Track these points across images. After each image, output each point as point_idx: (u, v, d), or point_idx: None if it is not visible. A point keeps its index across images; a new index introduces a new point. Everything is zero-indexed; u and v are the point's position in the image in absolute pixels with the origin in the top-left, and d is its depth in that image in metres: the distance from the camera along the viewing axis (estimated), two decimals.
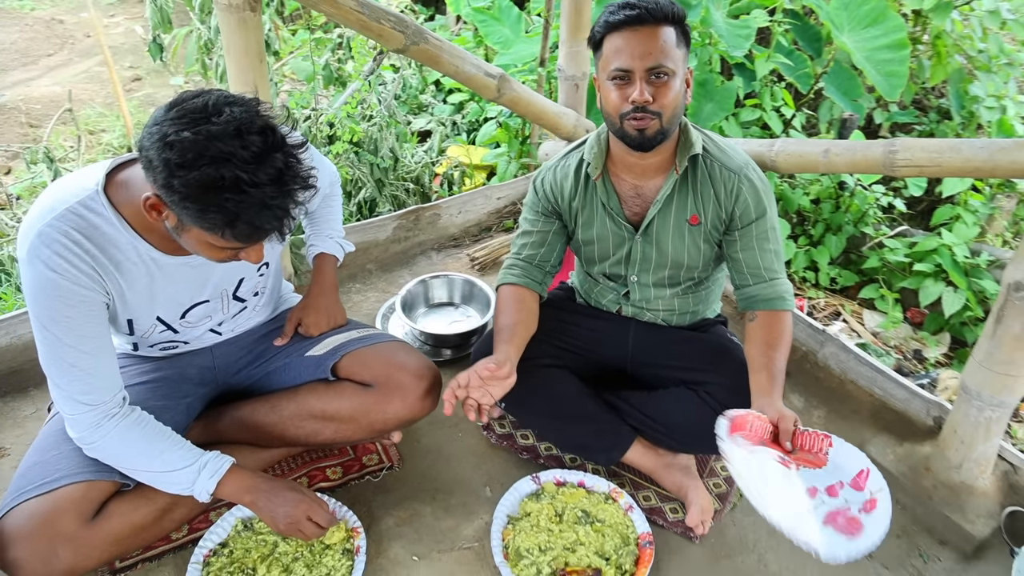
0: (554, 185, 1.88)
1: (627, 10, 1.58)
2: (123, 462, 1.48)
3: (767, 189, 1.77)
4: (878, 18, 3.22)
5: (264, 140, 1.22)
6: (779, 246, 1.79)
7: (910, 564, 1.85)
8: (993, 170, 1.67)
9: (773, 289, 1.76)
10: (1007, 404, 1.85)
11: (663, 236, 1.80)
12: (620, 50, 1.59)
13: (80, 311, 1.39)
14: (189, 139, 1.18)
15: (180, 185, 1.19)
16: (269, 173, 1.21)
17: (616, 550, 1.72)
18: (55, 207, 1.38)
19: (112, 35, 6.97)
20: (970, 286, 3.16)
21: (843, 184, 3.61)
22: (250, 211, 1.22)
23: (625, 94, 1.61)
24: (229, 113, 1.21)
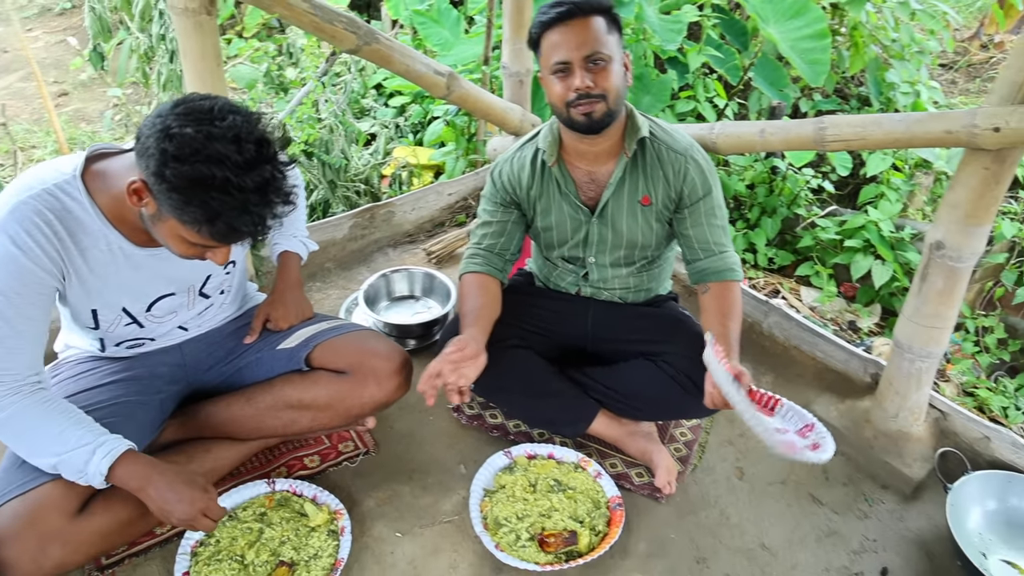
0: (511, 175, 1.96)
1: (557, 8, 1.70)
2: (22, 441, 1.45)
3: (711, 169, 1.88)
4: (800, 10, 3.40)
5: (258, 150, 1.29)
6: (725, 222, 1.90)
7: (857, 508, 2.00)
8: (911, 140, 1.82)
9: (723, 261, 1.86)
10: (935, 354, 2.02)
11: (617, 217, 1.91)
12: (557, 45, 1.71)
13: (30, 291, 1.42)
14: (190, 135, 1.25)
15: (171, 175, 1.25)
16: (256, 181, 1.28)
17: (589, 513, 1.82)
18: (32, 186, 1.41)
19: (33, 50, 6.78)
20: (896, 258, 3.37)
21: (776, 169, 3.80)
22: (231, 213, 1.28)
23: (568, 84, 1.72)
24: (232, 120, 1.28)
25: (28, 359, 1.46)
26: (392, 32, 5.76)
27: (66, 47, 6.69)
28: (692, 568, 1.80)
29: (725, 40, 3.90)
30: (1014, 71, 1.63)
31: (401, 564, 1.75)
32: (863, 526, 1.95)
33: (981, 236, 1.84)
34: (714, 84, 3.71)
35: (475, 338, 1.76)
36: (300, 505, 1.79)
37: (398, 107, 4.65)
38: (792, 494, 2.02)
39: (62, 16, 7.36)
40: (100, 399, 1.62)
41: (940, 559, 1.87)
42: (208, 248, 1.41)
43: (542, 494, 1.86)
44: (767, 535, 1.90)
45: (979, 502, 1.94)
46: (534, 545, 1.74)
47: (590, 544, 1.76)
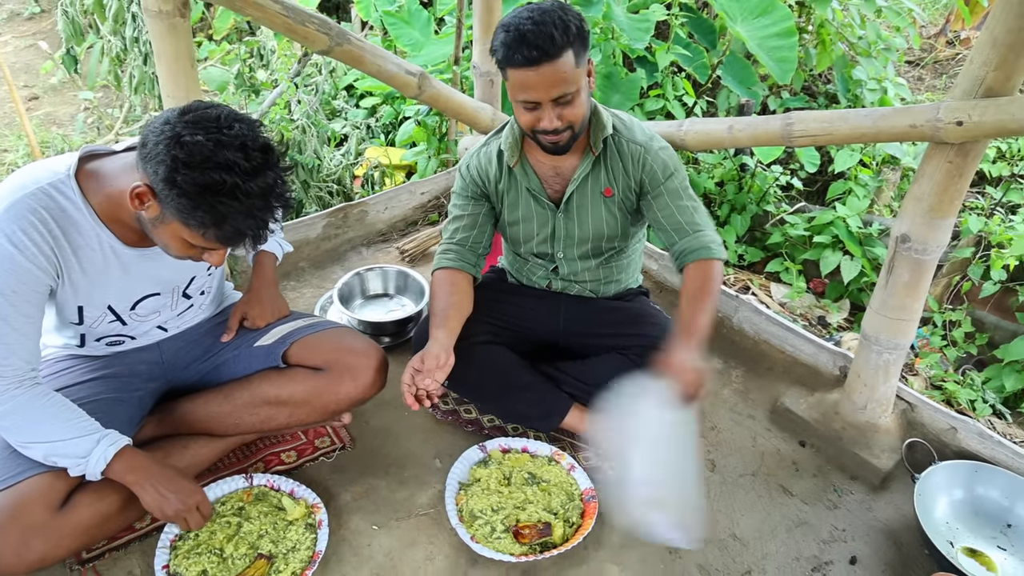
0: (479, 169, 1.98)
1: (524, 50, 1.60)
2: (23, 432, 1.49)
3: (671, 154, 1.88)
4: (767, 8, 3.46)
5: (264, 157, 1.35)
6: (696, 203, 1.89)
7: (826, 499, 2.03)
8: (876, 135, 1.86)
9: (697, 240, 1.84)
10: (902, 346, 2.06)
11: (582, 210, 1.93)
12: (525, 85, 1.66)
13: (26, 288, 1.44)
14: (201, 143, 1.29)
15: (182, 182, 1.29)
16: (261, 187, 1.34)
17: (563, 505, 1.84)
18: (27, 184, 1.43)
19: (2, 54, 6.68)
20: (865, 254, 3.43)
21: (744, 166, 3.84)
22: (237, 217, 1.34)
23: (536, 117, 1.71)
24: (238, 128, 1.34)
25: (26, 355, 1.49)
26: (362, 33, 5.76)
27: (35, 52, 6.61)
28: (665, 559, 1.82)
29: (693, 39, 3.95)
30: (976, 66, 1.66)
31: (378, 556, 1.76)
32: (832, 516, 1.98)
33: (945, 229, 1.88)
34: (683, 83, 3.75)
35: (440, 342, 1.78)
36: (278, 499, 1.80)
37: (369, 108, 4.65)
38: (763, 485, 2.05)
39: (31, 21, 7.27)
40: (81, 395, 1.62)
41: (908, 548, 1.90)
42: (208, 250, 1.46)
43: (516, 487, 1.87)
44: (738, 526, 1.93)
45: (946, 491, 1.98)
46: (509, 537, 1.76)
47: (564, 535, 1.77)
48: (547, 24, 1.59)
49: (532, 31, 1.59)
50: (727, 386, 2.41)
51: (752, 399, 2.36)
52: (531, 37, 1.59)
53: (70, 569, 1.67)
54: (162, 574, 1.61)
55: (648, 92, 3.73)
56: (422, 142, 3.69)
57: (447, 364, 1.75)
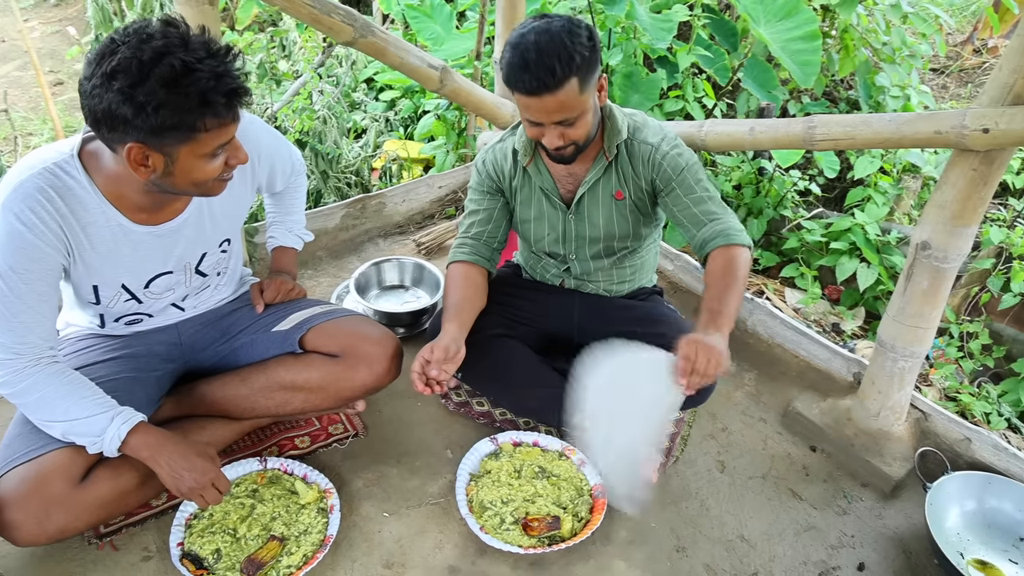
0: (495, 164, 1.99)
1: (526, 79, 1.59)
2: (41, 410, 1.51)
3: (683, 151, 1.85)
4: (791, 11, 3.44)
5: (176, 30, 1.32)
6: (712, 193, 1.85)
7: (836, 504, 2.03)
8: (900, 140, 1.85)
9: (714, 228, 1.80)
10: (918, 354, 2.05)
11: (593, 211, 1.93)
12: (527, 107, 1.66)
13: (38, 267, 1.45)
14: (125, 56, 1.27)
15: (144, 97, 1.27)
16: (198, 53, 1.31)
17: (572, 500, 1.85)
18: (33, 165, 1.45)
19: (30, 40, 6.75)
20: (882, 262, 3.41)
21: (762, 170, 3.83)
22: (210, 84, 1.30)
23: (540, 132, 1.71)
24: (131, 28, 1.31)
25: (43, 332, 1.51)
26: (383, 27, 5.78)
27: (61, 37, 6.67)
28: (672, 556, 1.83)
29: (714, 40, 3.93)
30: (1006, 73, 1.65)
31: (388, 543, 1.78)
32: (841, 522, 1.98)
33: (967, 237, 1.87)
34: (703, 84, 3.74)
35: (451, 334, 1.78)
36: (291, 483, 1.82)
37: (388, 101, 4.67)
38: (772, 488, 2.05)
39: (57, 7, 7.36)
40: (100, 375, 1.64)
41: (917, 557, 1.90)
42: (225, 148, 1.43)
43: (527, 480, 1.88)
44: (746, 527, 1.93)
45: (958, 502, 1.97)
46: (518, 529, 1.77)
47: (573, 530, 1.78)
48: (550, 55, 1.56)
49: (534, 61, 1.56)
50: (739, 388, 2.41)
51: (764, 402, 2.36)
52: (533, 67, 1.57)
53: (88, 542, 1.70)
54: (177, 551, 1.64)
55: (668, 93, 3.72)
56: (441, 136, 3.70)
57: (457, 356, 1.76)
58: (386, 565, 1.72)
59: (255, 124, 1.75)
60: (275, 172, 1.87)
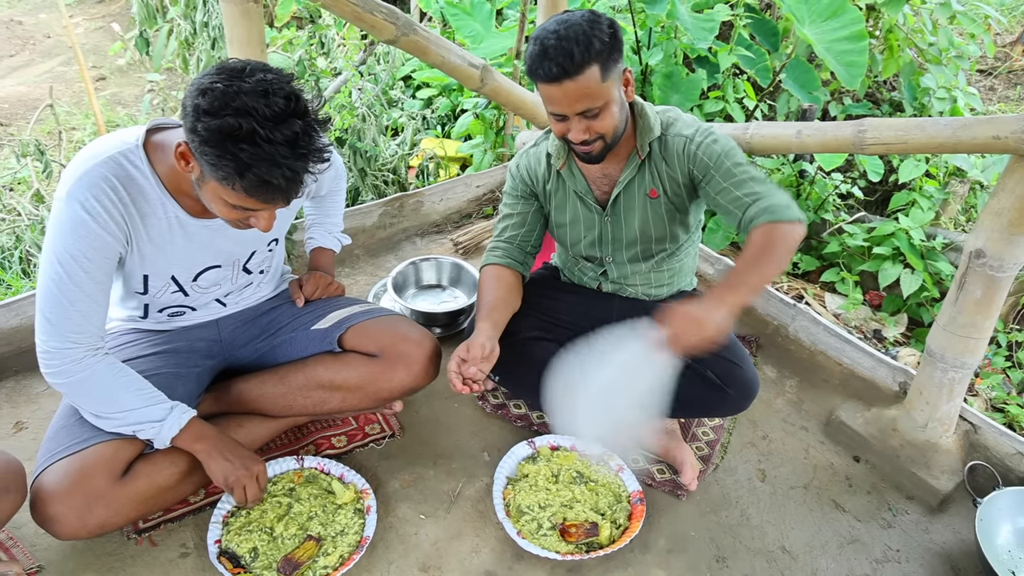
0: (529, 169, 1.97)
1: (545, 66, 1.58)
2: (97, 400, 1.53)
3: (718, 139, 1.79)
4: (837, 11, 3.37)
5: (287, 104, 1.31)
6: (754, 173, 1.76)
7: (880, 517, 1.98)
8: (955, 146, 1.79)
9: (758, 207, 1.70)
10: (969, 365, 1.99)
11: (629, 213, 1.90)
12: (550, 98, 1.64)
13: (98, 255, 1.47)
14: (220, 90, 1.28)
15: (203, 129, 1.29)
16: (285, 134, 1.30)
17: (610, 506, 1.83)
18: (99, 153, 1.46)
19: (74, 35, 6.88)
20: (926, 268, 3.33)
21: (803, 173, 3.76)
22: (261, 165, 1.30)
23: (565, 127, 1.69)
24: (262, 76, 1.32)
25: (98, 322, 1.53)
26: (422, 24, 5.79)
27: (104, 33, 6.78)
28: (712, 566, 1.79)
29: (755, 40, 3.87)
30: None
31: (424, 545, 1.77)
32: (886, 535, 1.93)
33: None
34: (744, 85, 3.68)
35: (485, 333, 1.77)
36: (328, 483, 1.82)
37: (425, 99, 4.67)
38: (814, 499, 2.01)
39: (101, 3, 7.48)
40: (142, 369, 1.65)
41: (966, 574, 1.84)
42: (248, 211, 1.43)
43: (564, 485, 1.86)
44: (788, 538, 1.89)
45: (1010, 519, 1.91)
46: (555, 534, 1.75)
47: (611, 537, 1.76)
48: (569, 40, 1.55)
49: (554, 46, 1.56)
50: (780, 396, 2.37)
51: (806, 410, 2.31)
52: (552, 53, 1.56)
53: (127, 537, 1.71)
54: (214, 548, 1.64)
55: (708, 93, 3.67)
56: (479, 135, 3.69)
57: (492, 355, 1.74)
58: (422, 568, 1.71)
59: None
60: (323, 179, 1.93)
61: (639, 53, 3.67)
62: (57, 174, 3.81)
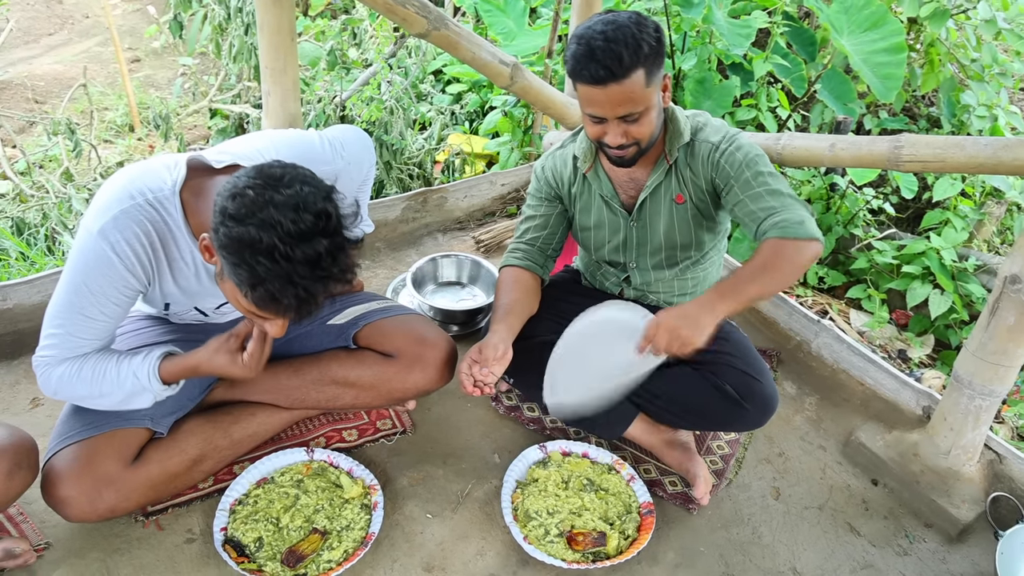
0: (554, 171, 1.95)
1: (591, 67, 1.54)
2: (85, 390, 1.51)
3: (742, 143, 1.76)
4: (878, 22, 3.31)
5: (316, 222, 1.24)
6: (775, 186, 1.72)
7: (896, 544, 1.93)
8: (996, 166, 1.74)
9: (771, 222, 1.67)
10: (997, 393, 1.94)
11: (654, 218, 1.87)
12: (591, 100, 1.61)
13: (116, 292, 1.46)
14: (250, 197, 1.23)
15: (224, 234, 1.24)
16: (307, 253, 1.23)
17: (619, 516, 1.80)
18: (134, 195, 1.42)
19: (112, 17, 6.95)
20: (956, 289, 3.26)
21: (834, 186, 3.71)
22: (274, 281, 1.24)
23: (602, 130, 1.66)
24: (298, 189, 1.25)
25: (97, 345, 1.52)
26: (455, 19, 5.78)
27: (141, 16, 6.85)
28: None
29: (792, 49, 3.82)
30: None
31: (430, 545, 1.75)
32: (902, 563, 1.88)
33: None
34: (778, 94, 3.63)
35: (499, 335, 1.74)
36: (336, 476, 1.81)
37: (455, 94, 4.66)
38: (829, 521, 1.97)
39: None
40: None
41: None
42: (260, 317, 1.39)
43: (574, 492, 1.84)
44: (799, 559, 1.85)
45: None
46: (562, 542, 1.73)
47: (619, 547, 1.73)
48: (618, 42, 1.52)
49: (601, 48, 1.52)
50: (799, 413, 2.32)
51: (824, 429, 2.27)
52: (600, 55, 1.52)
53: (135, 520, 1.71)
54: (220, 536, 1.64)
55: (740, 101, 3.62)
56: (506, 133, 3.67)
57: (504, 357, 1.72)
58: (426, 568, 1.70)
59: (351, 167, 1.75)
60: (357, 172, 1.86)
61: (673, 57, 3.63)
62: (87, 154, 3.85)
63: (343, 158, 1.70)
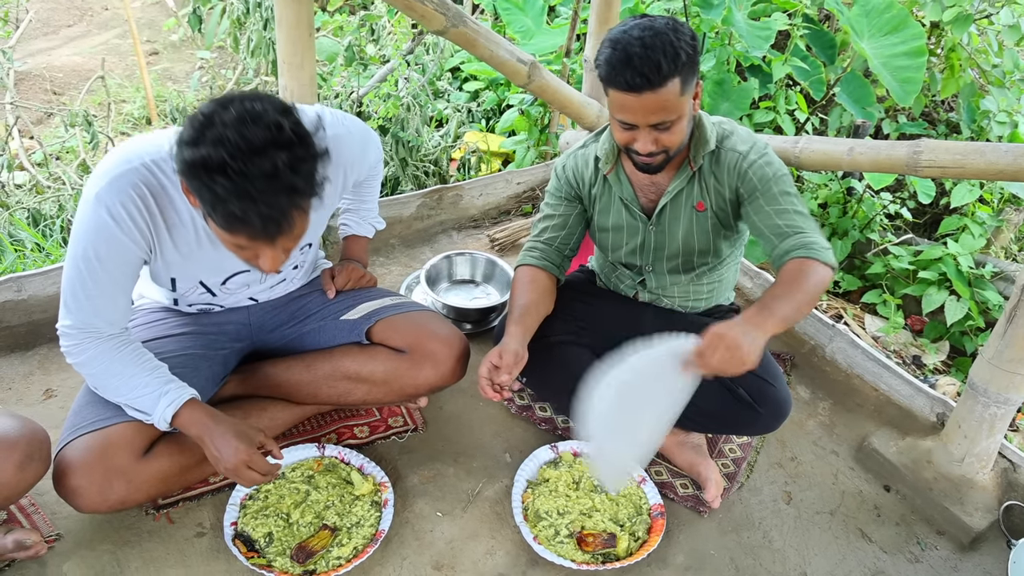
0: (575, 171, 1.93)
1: (627, 74, 1.51)
2: (99, 382, 1.54)
3: (772, 161, 1.74)
4: (898, 26, 3.28)
5: (267, 135, 1.22)
6: (798, 206, 1.72)
7: (907, 550, 1.92)
8: (1016, 173, 1.72)
9: (798, 240, 1.66)
10: (1013, 401, 1.92)
11: (673, 224, 1.85)
12: (623, 106, 1.58)
13: (117, 259, 1.47)
14: (200, 120, 1.23)
15: (179, 160, 1.25)
16: (263, 168, 1.20)
17: (630, 518, 1.80)
18: (131, 159, 1.44)
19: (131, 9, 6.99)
20: (973, 296, 3.23)
21: (851, 190, 3.68)
22: (234, 200, 1.21)
23: (632, 136, 1.63)
24: (248, 105, 1.23)
25: (113, 318, 1.53)
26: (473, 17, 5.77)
27: (160, 8, 6.88)
28: None
29: (811, 52, 3.79)
30: None
31: (439, 543, 1.75)
32: (913, 570, 1.87)
33: None
34: (796, 97, 3.60)
35: (516, 338, 1.73)
36: (347, 473, 1.82)
37: (472, 92, 4.65)
38: (840, 526, 1.96)
39: None
40: (169, 348, 1.67)
41: None
42: (242, 248, 1.37)
43: (584, 493, 1.83)
44: (810, 564, 1.84)
45: None
46: (572, 542, 1.73)
47: (628, 549, 1.73)
48: (656, 50, 1.49)
49: (639, 55, 1.49)
50: (812, 417, 2.31)
51: (837, 434, 2.26)
52: (637, 62, 1.49)
53: (145, 512, 1.72)
54: (230, 530, 1.64)
55: (759, 103, 3.60)
56: (523, 131, 3.66)
57: (521, 360, 1.72)
58: (435, 566, 1.70)
59: (352, 137, 1.74)
60: (360, 177, 1.88)
61: None
62: (104, 146, 3.88)
63: (344, 126, 1.70)
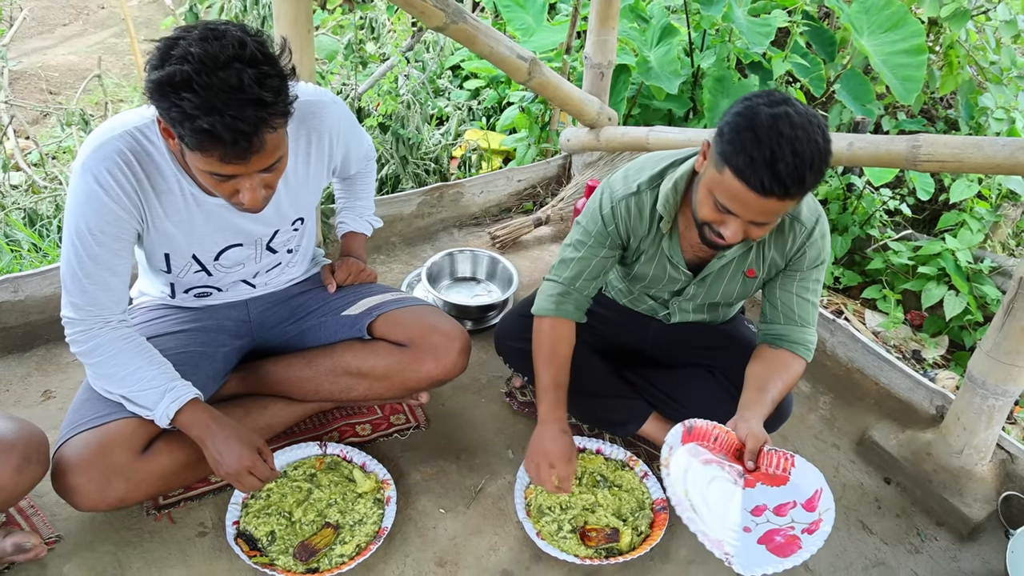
0: (627, 222, 1.76)
1: (767, 178, 1.35)
2: (102, 371, 1.53)
3: (827, 243, 1.73)
4: (898, 23, 3.29)
5: (232, 51, 1.23)
6: (814, 299, 1.77)
7: (908, 542, 1.94)
8: (1014, 167, 1.73)
9: (801, 335, 1.75)
10: (1010, 393, 1.93)
11: (717, 282, 1.82)
12: (737, 198, 1.42)
13: (113, 229, 1.46)
14: (166, 43, 1.25)
15: (148, 82, 1.25)
16: (228, 81, 1.22)
17: (633, 513, 1.81)
18: (115, 127, 1.45)
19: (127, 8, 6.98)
20: (971, 291, 3.24)
21: (851, 186, 3.69)
22: (202, 114, 1.22)
23: (721, 220, 1.49)
24: (213, 26, 1.26)
25: (114, 296, 1.53)
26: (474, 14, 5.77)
27: (157, 7, 6.87)
28: None
29: (811, 49, 3.80)
30: None
31: (442, 540, 1.76)
32: (913, 561, 1.89)
33: None
34: (797, 93, 3.61)
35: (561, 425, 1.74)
36: (349, 471, 1.82)
37: (472, 90, 4.65)
38: (841, 519, 1.96)
39: None
40: (170, 346, 1.66)
41: None
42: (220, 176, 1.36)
43: (587, 488, 1.84)
44: (812, 556, 1.84)
45: None
46: (575, 537, 1.73)
47: (631, 543, 1.74)
48: (804, 159, 1.35)
49: (789, 165, 1.34)
50: (813, 411, 2.32)
51: (838, 428, 2.27)
52: (782, 171, 1.34)
53: (147, 512, 1.72)
54: (232, 530, 1.64)
55: None
56: (523, 129, 3.67)
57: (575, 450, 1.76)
58: (439, 563, 1.71)
59: (337, 105, 1.72)
60: (350, 155, 1.84)
61: (692, 55, 3.63)
62: None
63: (327, 95, 1.70)
